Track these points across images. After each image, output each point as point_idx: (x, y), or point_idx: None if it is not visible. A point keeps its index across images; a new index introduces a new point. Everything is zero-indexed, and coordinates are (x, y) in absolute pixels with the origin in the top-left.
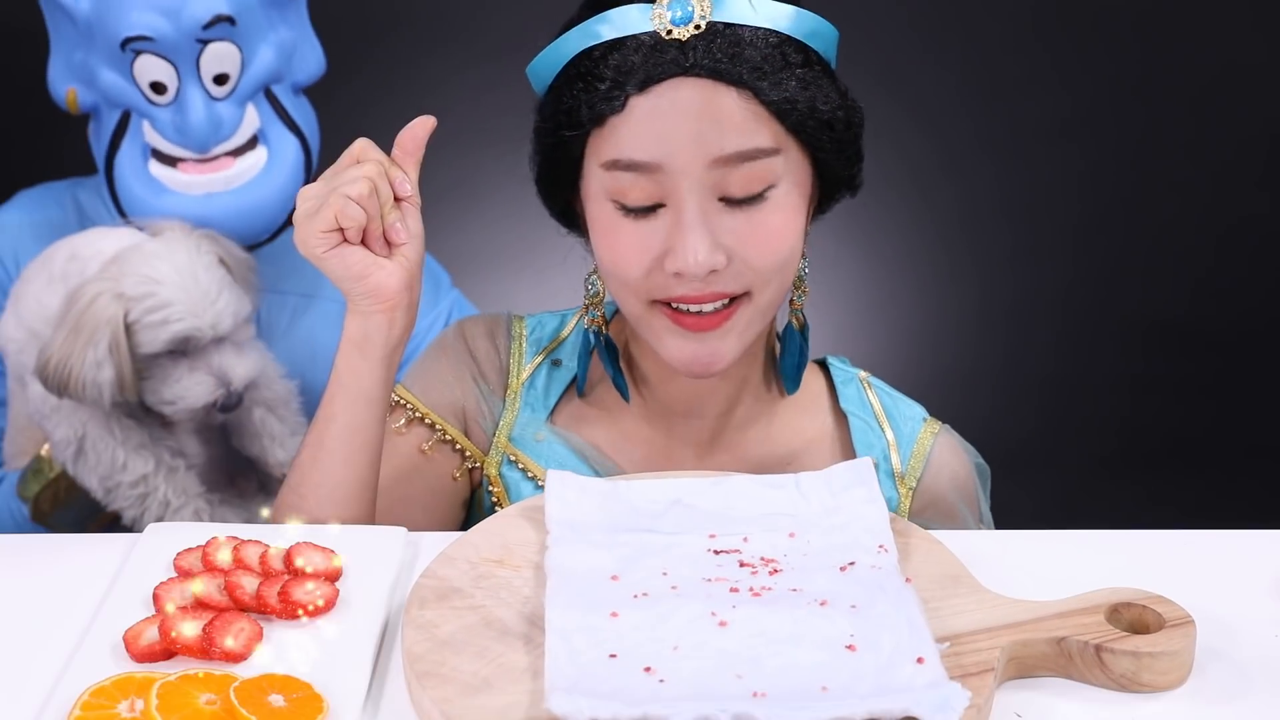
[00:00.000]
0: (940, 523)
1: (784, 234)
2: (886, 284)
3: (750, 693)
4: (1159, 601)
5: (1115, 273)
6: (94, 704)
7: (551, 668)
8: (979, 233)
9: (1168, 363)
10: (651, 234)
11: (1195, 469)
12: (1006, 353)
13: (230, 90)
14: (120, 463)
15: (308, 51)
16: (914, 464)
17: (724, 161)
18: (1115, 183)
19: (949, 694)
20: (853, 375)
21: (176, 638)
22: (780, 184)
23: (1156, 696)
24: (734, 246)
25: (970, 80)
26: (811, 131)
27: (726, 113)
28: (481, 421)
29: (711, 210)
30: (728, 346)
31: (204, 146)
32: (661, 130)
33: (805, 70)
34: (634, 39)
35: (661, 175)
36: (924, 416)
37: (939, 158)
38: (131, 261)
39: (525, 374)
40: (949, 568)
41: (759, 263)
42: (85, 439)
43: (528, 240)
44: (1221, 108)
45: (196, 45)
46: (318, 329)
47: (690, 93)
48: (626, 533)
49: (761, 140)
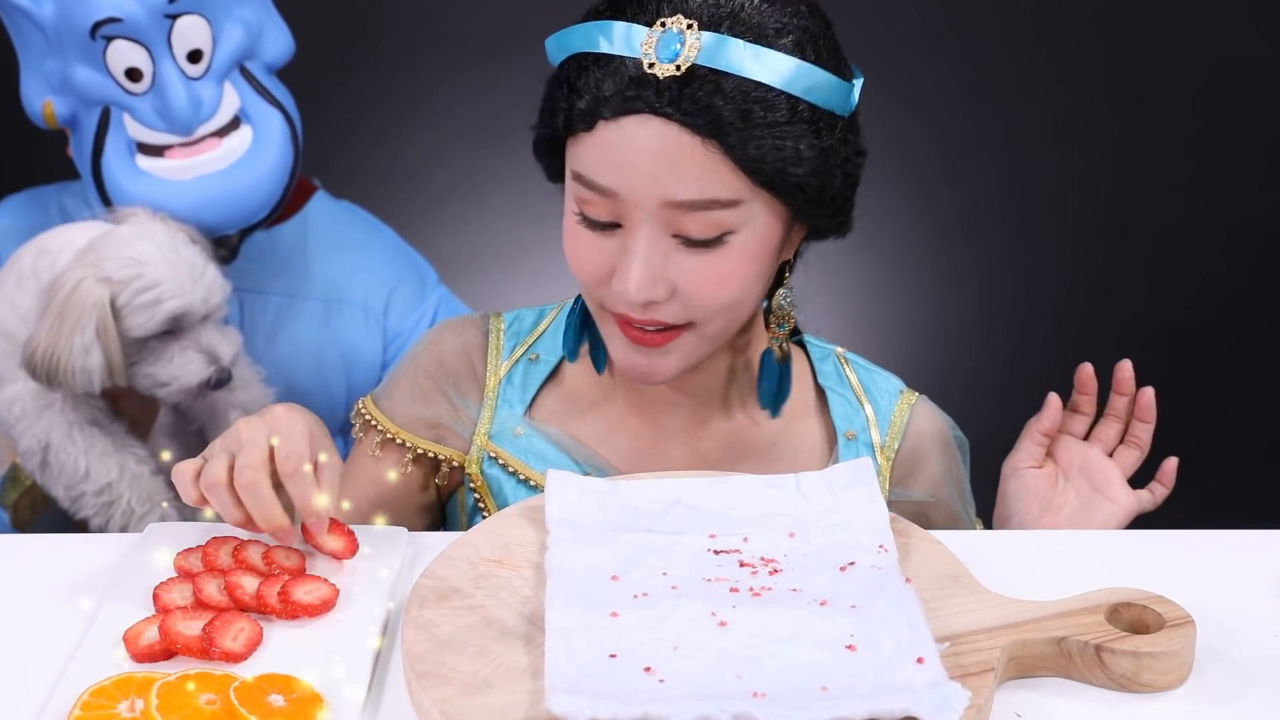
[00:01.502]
0: (921, 490)
1: (735, 279)
2: (886, 284)
3: (750, 692)
4: (1159, 601)
5: (1116, 273)
6: (94, 704)
7: (551, 668)
8: (979, 233)
9: (1167, 363)
10: (606, 249)
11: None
12: (1007, 353)
13: (205, 69)
14: (83, 471)
15: (274, 32)
16: (892, 434)
17: (677, 205)
18: (1116, 182)
19: (949, 694)
20: (829, 351)
21: (176, 638)
22: (740, 231)
23: (1156, 697)
24: (681, 284)
25: (971, 80)
26: (781, 190)
27: (686, 160)
28: (457, 427)
29: (664, 246)
30: (669, 363)
31: (187, 128)
32: (621, 161)
33: (785, 129)
34: (621, 62)
35: (618, 201)
36: (900, 388)
37: (939, 157)
38: (110, 246)
39: (503, 371)
40: (949, 567)
41: (703, 302)
42: (49, 449)
43: (526, 241)
44: (1223, 107)
45: (165, 22)
46: (302, 329)
47: (655, 131)
48: (626, 533)
49: (719, 192)
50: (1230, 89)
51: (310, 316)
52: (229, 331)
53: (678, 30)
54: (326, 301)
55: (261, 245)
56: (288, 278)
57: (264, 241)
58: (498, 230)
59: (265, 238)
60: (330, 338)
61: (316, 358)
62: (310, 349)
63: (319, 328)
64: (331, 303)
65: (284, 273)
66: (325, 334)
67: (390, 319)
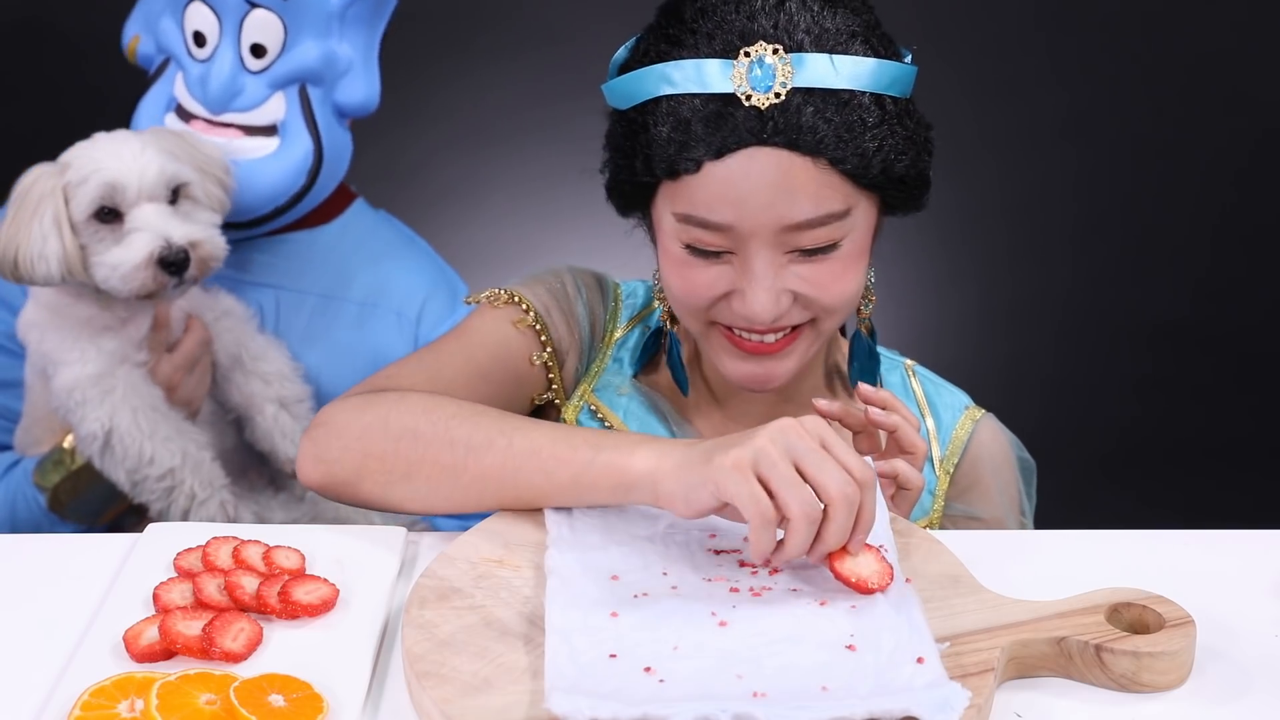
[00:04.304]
0: (979, 506)
1: (850, 275)
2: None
3: (750, 693)
4: (1159, 601)
5: (1116, 273)
6: (94, 704)
7: (551, 668)
8: (979, 233)
9: (1169, 363)
10: (720, 274)
11: (1196, 469)
12: (1007, 353)
13: (265, 66)
14: (148, 456)
15: (360, 80)
16: (953, 449)
17: (795, 227)
18: (1116, 183)
19: (949, 694)
20: (898, 363)
21: (176, 638)
22: (850, 235)
23: (1157, 697)
24: (801, 290)
25: (970, 80)
26: (887, 188)
27: (800, 182)
28: (574, 362)
29: (781, 262)
30: (786, 367)
31: (216, 106)
32: (735, 196)
33: (881, 129)
34: (714, 99)
35: (733, 233)
36: (966, 404)
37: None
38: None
39: (620, 333)
40: (949, 567)
41: (825, 303)
42: (112, 433)
43: (529, 240)
44: (1225, 106)
45: (244, 5)
46: (336, 329)
47: (765, 162)
48: (627, 533)
49: (834, 205)
50: (1232, 89)
51: (345, 317)
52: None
53: (765, 58)
54: (361, 305)
55: (300, 246)
56: (325, 279)
57: (303, 242)
58: (499, 229)
59: (304, 238)
60: (363, 339)
61: (349, 358)
62: (343, 349)
63: (353, 329)
64: (366, 306)
65: (321, 274)
66: (358, 335)
67: (422, 327)
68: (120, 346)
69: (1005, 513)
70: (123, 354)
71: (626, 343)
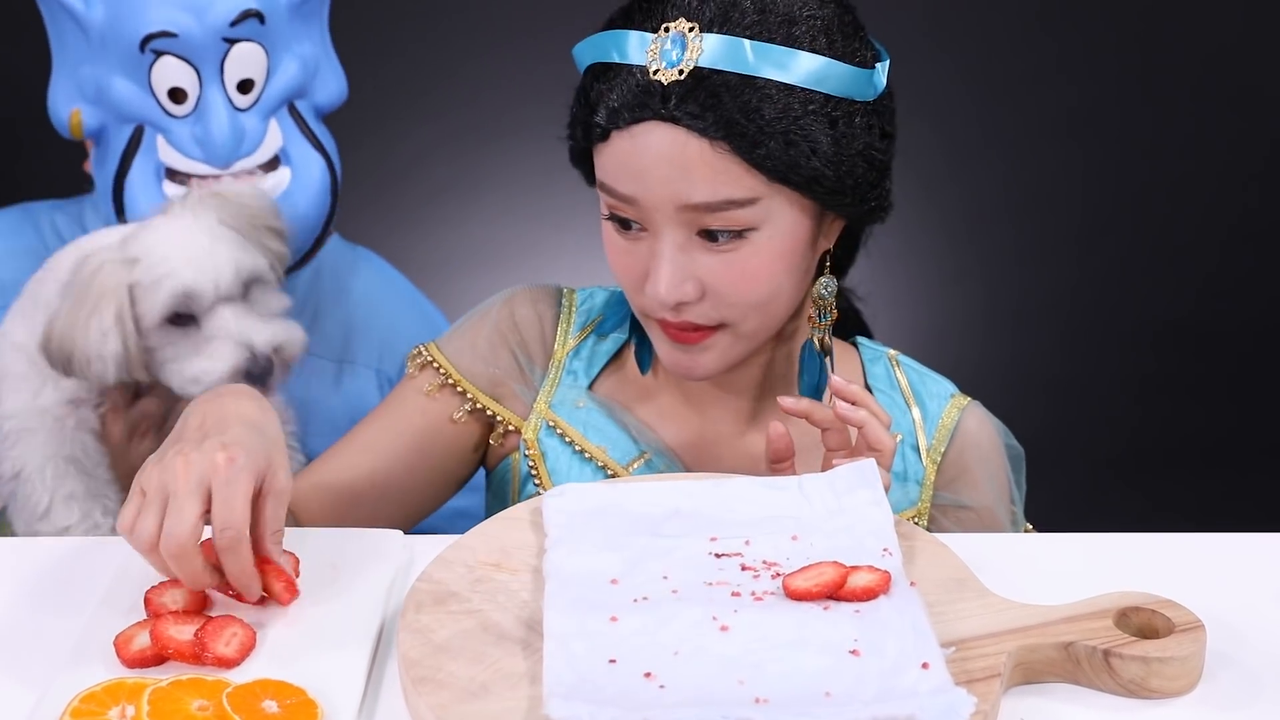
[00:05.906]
0: (967, 495)
1: (763, 275)
2: (890, 283)
3: (752, 698)
4: (1168, 606)
5: (1122, 272)
6: (84, 710)
7: (550, 673)
8: (984, 232)
9: (1176, 363)
10: (638, 253)
11: (1205, 471)
12: (1013, 353)
13: (254, 100)
14: (43, 510)
15: (329, 74)
16: (939, 438)
17: (694, 208)
18: (1122, 181)
19: (954, 700)
20: (881, 353)
21: (168, 643)
22: (762, 228)
23: (1166, 702)
24: (710, 283)
25: (975, 78)
26: (797, 185)
27: (697, 163)
28: (519, 390)
29: (690, 245)
30: (709, 360)
31: (225, 160)
32: (636, 168)
33: (800, 122)
34: (628, 71)
35: (639, 207)
36: (952, 392)
37: (944, 156)
38: (139, 233)
39: (571, 344)
40: (954, 571)
41: (734, 300)
42: (19, 479)
43: (522, 240)
44: (1229, 104)
45: (222, 45)
46: (352, 395)
47: (663, 137)
48: (626, 536)
49: (733, 192)
50: (1235, 86)
51: (322, 376)
52: (274, 321)
53: (679, 34)
54: (339, 362)
55: (303, 309)
56: (333, 344)
57: (304, 306)
58: (493, 228)
59: (306, 303)
60: (342, 400)
61: (329, 421)
62: (321, 411)
63: (330, 389)
64: (344, 364)
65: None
66: (337, 396)
67: None
68: (78, 387)
69: (994, 501)
70: (80, 397)
71: (579, 353)
